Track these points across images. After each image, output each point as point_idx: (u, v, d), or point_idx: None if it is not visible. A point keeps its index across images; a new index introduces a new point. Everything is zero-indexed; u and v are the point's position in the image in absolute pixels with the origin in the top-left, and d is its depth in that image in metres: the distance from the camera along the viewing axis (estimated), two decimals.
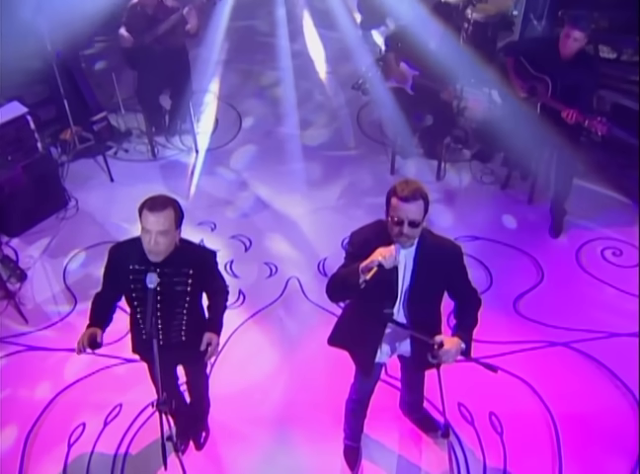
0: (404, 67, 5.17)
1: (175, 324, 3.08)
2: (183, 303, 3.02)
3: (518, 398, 3.94)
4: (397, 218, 2.71)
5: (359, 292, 2.72)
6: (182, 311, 3.05)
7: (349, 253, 2.96)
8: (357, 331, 3.18)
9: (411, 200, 2.68)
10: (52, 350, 4.28)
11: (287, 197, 5.52)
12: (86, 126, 5.69)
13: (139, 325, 3.10)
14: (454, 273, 2.98)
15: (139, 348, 3.29)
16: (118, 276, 2.99)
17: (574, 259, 4.87)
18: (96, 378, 4.11)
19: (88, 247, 5.06)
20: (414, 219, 2.71)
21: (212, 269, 3.10)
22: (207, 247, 3.18)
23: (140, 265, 2.91)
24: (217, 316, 3.15)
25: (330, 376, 4.05)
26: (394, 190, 2.74)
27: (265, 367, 4.18)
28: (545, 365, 4.11)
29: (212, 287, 3.14)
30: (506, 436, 3.74)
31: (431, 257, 2.88)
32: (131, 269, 2.93)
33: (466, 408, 3.89)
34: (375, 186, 5.60)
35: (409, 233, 2.74)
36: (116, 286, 3.04)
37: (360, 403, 3.54)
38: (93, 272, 4.84)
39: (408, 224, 2.71)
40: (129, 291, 2.99)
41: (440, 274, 2.92)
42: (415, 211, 2.70)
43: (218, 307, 3.17)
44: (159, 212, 2.77)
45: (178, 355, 3.24)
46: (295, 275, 4.81)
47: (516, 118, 5.19)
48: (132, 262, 2.92)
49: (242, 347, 4.28)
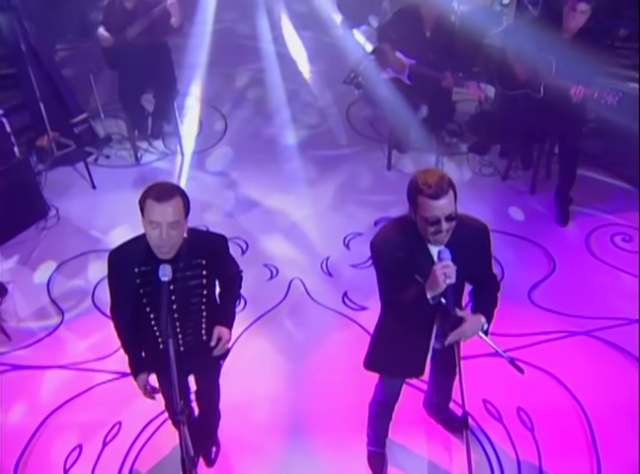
0: (400, 56, 5.00)
1: (193, 323, 2.78)
2: (200, 298, 2.73)
3: (544, 391, 3.74)
4: (432, 218, 2.50)
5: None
6: (200, 307, 2.76)
7: (383, 268, 2.72)
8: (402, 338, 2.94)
9: (442, 196, 2.46)
10: (40, 367, 3.95)
11: (281, 198, 5.28)
12: (64, 132, 5.36)
13: (152, 331, 2.77)
14: (481, 253, 2.79)
15: (148, 358, 2.93)
16: (124, 283, 2.65)
17: (584, 246, 4.74)
18: (90, 396, 3.78)
19: (72, 257, 4.74)
20: (450, 214, 2.50)
21: (225, 255, 2.81)
22: (216, 232, 2.87)
23: (147, 265, 2.59)
24: (228, 306, 2.87)
25: (345, 380, 3.80)
26: (418, 188, 2.49)
27: (274, 374, 3.90)
28: (568, 356, 3.93)
29: (225, 274, 2.85)
30: (537, 432, 3.53)
31: (461, 240, 2.65)
32: (137, 272, 2.60)
33: (492, 405, 3.67)
34: (373, 182, 5.43)
35: (448, 228, 2.53)
36: (126, 295, 2.69)
37: (387, 406, 3.28)
38: (80, 283, 4.56)
39: (445, 220, 2.50)
40: (139, 297, 2.66)
41: (470, 255, 2.69)
42: (448, 205, 2.49)
43: (230, 295, 2.89)
44: (167, 202, 2.45)
45: (194, 359, 2.88)
46: (298, 276, 4.56)
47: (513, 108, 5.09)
48: (137, 264, 2.60)
49: (248, 353, 3.99)
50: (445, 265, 2.50)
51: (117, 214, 5.05)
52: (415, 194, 2.52)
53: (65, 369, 3.94)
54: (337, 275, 4.60)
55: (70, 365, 3.96)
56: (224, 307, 2.88)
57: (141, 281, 2.61)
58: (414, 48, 4.97)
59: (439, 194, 2.45)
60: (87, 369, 3.93)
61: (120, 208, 5.07)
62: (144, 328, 2.80)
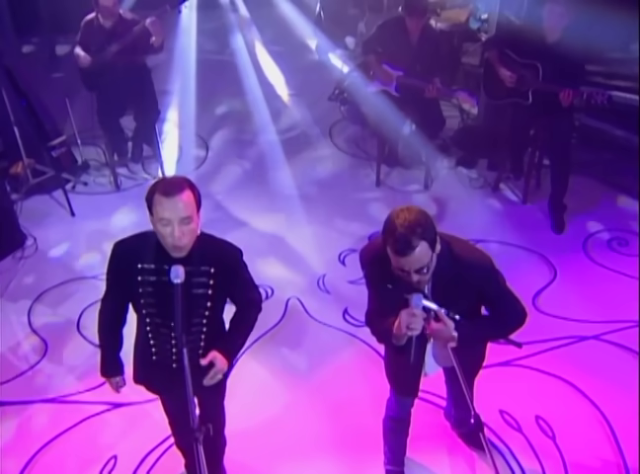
0: (387, 68, 4.96)
1: (192, 338, 2.48)
2: (202, 310, 2.48)
3: (560, 397, 3.62)
4: (400, 269, 2.29)
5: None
6: (200, 321, 2.51)
7: (366, 276, 2.59)
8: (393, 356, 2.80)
9: (408, 252, 2.21)
10: (25, 402, 3.65)
11: (269, 217, 5.13)
12: (40, 158, 5.13)
13: (149, 341, 2.55)
14: (479, 288, 2.51)
15: (147, 374, 2.69)
16: (123, 276, 2.45)
17: (582, 252, 4.69)
18: (82, 429, 3.51)
19: (54, 286, 4.47)
20: (420, 267, 2.27)
21: (238, 269, 2.55)
22: (231, 242, 2.60)
23: (151, 263, 2.40)
24: (235, 333, 2.63)
25: (354, 399, 3.63)
26: (386, 239, 2.27)
27: (278, 397, 3.68)
28: (581, 361, 3.82)
29: (240, 296, 2.61)
30: (559, 440, 3.38)
31: (450, 274, 2.42)
32: (140, 268, 2.40)
33: (509, 415, 3.52)
34: (363, 199, 5.33)
35: (420, 279, 2.32)
36: (122, 290, 2.50)
37: (401, 420, 3.10)
38: (63, 312, 4.29)
39: (415, 273, 2.28)
40: (137, 296, 2.45)
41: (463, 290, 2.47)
42: (417, 260, 2.24)
43: (241, 322, 2.63)
44: (178, 196, 2.25)
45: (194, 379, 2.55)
46: (295, 294, 4.38)
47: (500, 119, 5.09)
48: (141, 260, 2.40)
49: (249, 376, 3.77)
50: (410, 313, 2.30)
51: (98, 242, 4.83)
52: (385, 238, 2.29)
53: (52, 403, 3.66)
54: (335, 291, 4.43)
55: (57, 399, 3.68)
56: (230, 333, 2.64)
57: (142, 280, 2.41)
58: (400, 60, 4.94)
59: (405, 251, 2.21)
60: (76, 402, 3.66)
61: (102, 236, 4.85)
62: (140, 337, 2.59)
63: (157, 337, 2.54)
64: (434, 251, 2.30)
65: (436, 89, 4.72)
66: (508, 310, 2.60)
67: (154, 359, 2.60)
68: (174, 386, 2.44)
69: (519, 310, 2.64)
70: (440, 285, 2.46)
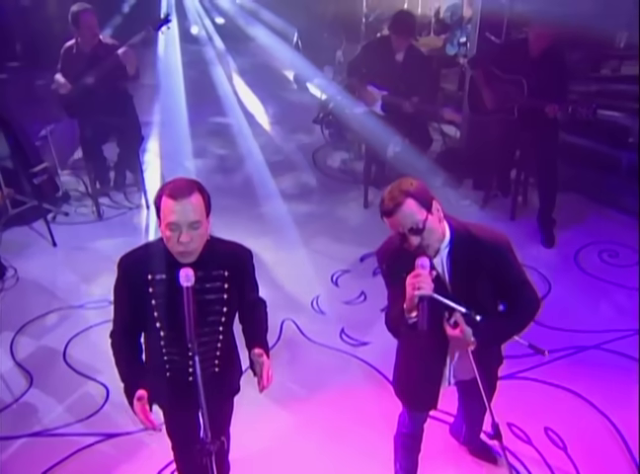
0: (372, 90, 4.99)
1: (206, 349, 2.36)
2: (218, 317, 2.36)
3: (568, 407, 3.55)
4: (396, 233, 2.30)
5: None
6: (217, 328, 2.38)
7: (383, 274, 2.53)
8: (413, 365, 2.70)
9: (395, 211, 2.23)
10: (12, 438, 3.42)
11: (259, 242, 4.98)
12: (19, 188, 4.99)
13: (162, 357, 2.40)
14: (496, 270, 2.44)
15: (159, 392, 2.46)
16: (134, 291, 2.30)
17: (574, 265, 4.72)
18: (73, 462, 3.29)
19: (37, 317, 4.29)
20: (411, 227, 2.25)
21: (250, 271, 2.49)
22: (241, 244, 2.52)
23: (161, 273, 2.28)
24: (262, 332, 2.52)
25: (357, 419, 3.50)
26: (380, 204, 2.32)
27: (279, 421, 3.52)
28: (583, 370, 3.79)
29: (250, 296, 2.51)
30: (571, 450, 3.30)
31: (468, 256, 2.39)
32: (150, 279, 2.27)
33: (518, 427, 3.43)
34: (352, 221, 5.32)
35: (419, 242, 2.28)
36: (134, 306, 2.33)
37: (414, 436, 2.97)
38: (48, 343, 4.11)
39: (410, 233, 2.26)
40: (150, 310, 2.30)
41: (482, 273, 2.41)
42: (406, 218, 2.24)
43: (261, 321, 2.55)
44: (186, 198, 2.16)
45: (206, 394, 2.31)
46: (289, 316, 4.27)
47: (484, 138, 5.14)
48: (150, 270, 2.28)
49: (247, 402, 3.55)
50: (415, 274, 2.24)
51: (83, 271, 4.69)
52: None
53: (40, 437, 3.45)
54: (330, 312, 4.34)
55: (44, 432, 3.47)
56: (256, 333, 2.50)
57: (154, 291, 2.27)
58: (385, 79, 4.97)
59: (391, 210, 2.23)
60: (66, 434, 3.45)
61: (87, 265, 4.74)
62: (151, 350, 2.44)
63: (172, 351, 2.39)
64: (429, 212, 2.28)
65: (421, 105, 4.74)
66: (525, 295, 2.53)
67: (168, 376, 2.45)
68: (188, 402, 2.30)
69: (535, 296, 2.57)
70: (458, 271, 2.40)
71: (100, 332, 4.16)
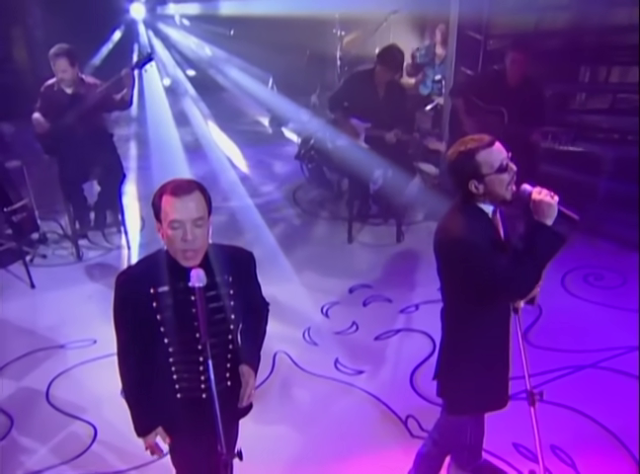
0: (355, 123, 5.06)
1: (217, 361, 2.19)
2: (226, 326, 2.26)
3: (571, 425, 3.52)
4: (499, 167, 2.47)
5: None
6: (226, 338, 2.27)
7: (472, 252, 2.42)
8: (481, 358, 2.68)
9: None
10: None
11: None
12: None
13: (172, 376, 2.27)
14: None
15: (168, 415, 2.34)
16: (136, 309, 2.19)
17: (562, 288, 4.75)
18: None
19: (17, 358, 4.10)
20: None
21: (253, 274, 2.40)
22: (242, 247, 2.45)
23: (164, 284, 2.17)
24: (254, 343, 2.39)
25: (361, 448, 3.38)
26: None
27: (279, 455, 3.38)
28: (582, 388, 3.79)
29: (253, 300, 2.42)
30: (579, 466, 3.25)
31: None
32: (152, 293, 2.17)
33: (524, 447, 3.36)
34: (336, 256, 5.28)
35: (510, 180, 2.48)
36: (139, 326, 2.21)
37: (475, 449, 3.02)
38: (29, 384, 3.91)
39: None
40: (157, 325, 2.19)
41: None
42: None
43: (256, 330, 2.41)
44: (188, 196, 2.10)
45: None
46: (281, 348, 4.17)
47: None
48: (152, 284, 2.17)
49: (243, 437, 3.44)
50: (539, 191, 2.44)
51: (63, 313, 4.55)
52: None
53: None
54: (322, 343, 4.26)
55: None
56: (247, 344, 2.36)
57: (158, 305, 2.17)
58: (368, 111, 5.05)
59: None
60: None
61: (67, 307, 4.61)
62: (159, 372, 2.28)
63: (181, 368, 2.27)
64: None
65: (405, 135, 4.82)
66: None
67: (179, 397, 2.31)
68: (203, 421, 2.17)
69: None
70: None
71: (85, 371, 4.01)
